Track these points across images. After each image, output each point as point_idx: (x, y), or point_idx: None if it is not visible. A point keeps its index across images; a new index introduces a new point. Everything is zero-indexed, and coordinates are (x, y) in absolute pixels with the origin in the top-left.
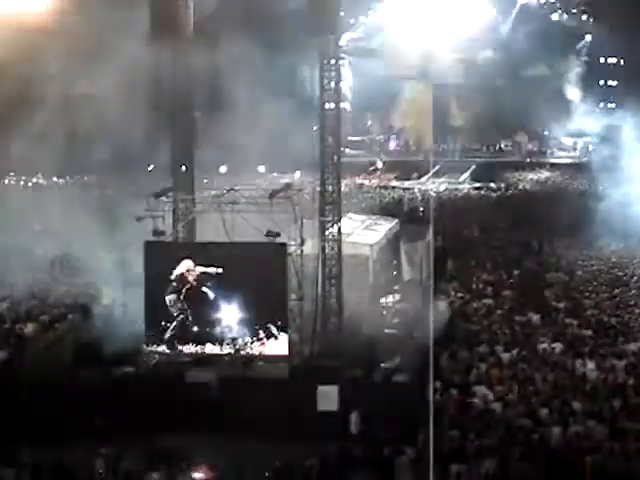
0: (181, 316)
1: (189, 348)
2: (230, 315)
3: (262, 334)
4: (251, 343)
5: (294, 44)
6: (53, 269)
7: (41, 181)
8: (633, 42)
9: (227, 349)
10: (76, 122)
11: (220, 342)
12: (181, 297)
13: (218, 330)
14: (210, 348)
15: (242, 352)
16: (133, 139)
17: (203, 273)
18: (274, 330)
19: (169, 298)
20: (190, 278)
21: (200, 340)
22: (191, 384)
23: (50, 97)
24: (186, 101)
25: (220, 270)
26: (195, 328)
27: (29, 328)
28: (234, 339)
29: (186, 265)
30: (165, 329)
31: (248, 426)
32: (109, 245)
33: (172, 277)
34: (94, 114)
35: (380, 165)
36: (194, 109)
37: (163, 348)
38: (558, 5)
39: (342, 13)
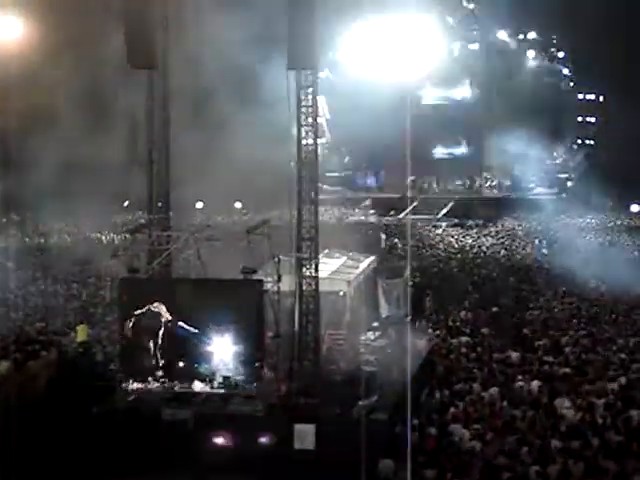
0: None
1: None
2: (208, 351)
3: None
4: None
5: (271, 79)
6: None
7: None
8: (612, 78)
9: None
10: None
11: (204, 379)
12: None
13: (199, 367)
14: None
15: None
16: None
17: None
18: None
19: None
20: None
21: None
22: (167, 421)
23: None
24: (162, 135)
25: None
26: (181, 364)
27: (2, 366)
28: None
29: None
30: (140, 366)
31: (224, 464)
32: None
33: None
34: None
35: (369, 203)
36: (169, 144)
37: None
38: (535, 43)
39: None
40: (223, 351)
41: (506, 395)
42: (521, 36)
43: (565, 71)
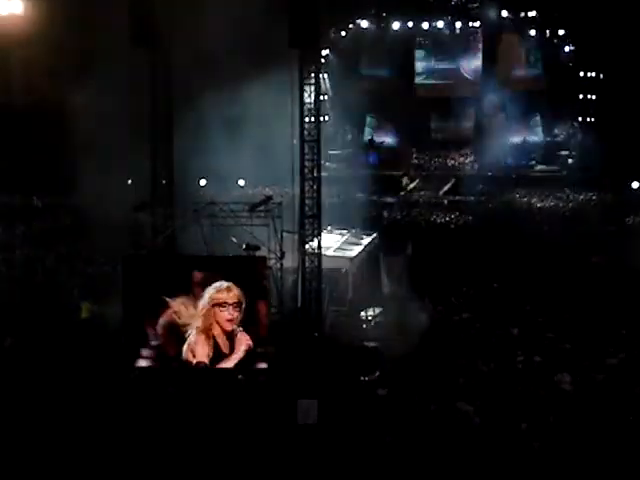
0: None
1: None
2: None
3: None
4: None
5: (274, 57)
6: None
7: None
8: (612, 55)
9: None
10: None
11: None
12: None
13: None
14: None
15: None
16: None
17: None
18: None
19: None
20: None
21: None
22: (173, 397)
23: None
24: (166, 113)
25: None
26: None
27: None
28: None
29: None
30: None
31: (228, 439)
32: None
33: None
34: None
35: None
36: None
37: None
38: (536, 20)
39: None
40: None
41: (507, 370)
42: (522, 14)
43: (566, 48)
